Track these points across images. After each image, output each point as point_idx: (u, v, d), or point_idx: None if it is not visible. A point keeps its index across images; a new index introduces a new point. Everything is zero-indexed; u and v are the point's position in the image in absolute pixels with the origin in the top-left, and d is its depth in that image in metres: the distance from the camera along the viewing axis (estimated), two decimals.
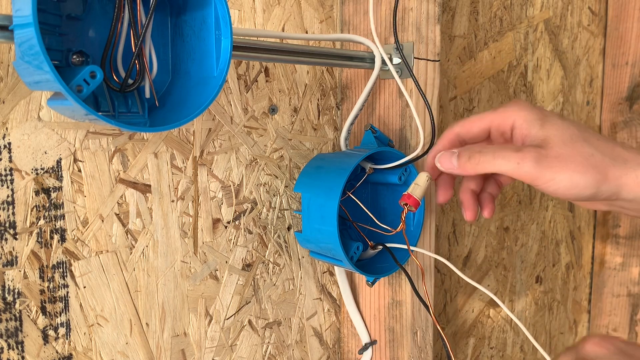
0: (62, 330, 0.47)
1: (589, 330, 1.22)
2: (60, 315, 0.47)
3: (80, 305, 0.48)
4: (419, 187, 0.48)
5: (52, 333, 0.47)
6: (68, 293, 0.48)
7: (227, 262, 0.58)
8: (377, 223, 0.56)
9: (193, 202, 0.55)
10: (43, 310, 0.46)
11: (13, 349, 0.45)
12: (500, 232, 0.92)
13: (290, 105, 0.62)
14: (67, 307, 0.48)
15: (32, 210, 0.45)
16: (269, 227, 0.61)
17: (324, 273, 0.67)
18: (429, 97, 0.60)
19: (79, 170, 0.48)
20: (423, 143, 0.56)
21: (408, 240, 0.51)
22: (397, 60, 0.59)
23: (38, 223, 0.46)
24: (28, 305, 0.45)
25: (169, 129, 0.42)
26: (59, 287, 0.47)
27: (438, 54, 0.60)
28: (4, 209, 0.44)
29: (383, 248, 0.57)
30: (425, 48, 0.59)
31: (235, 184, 0.58)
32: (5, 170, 0.44)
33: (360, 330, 0.66)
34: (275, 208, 0.62)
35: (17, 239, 0.44)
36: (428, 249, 0.63)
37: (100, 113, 0.38)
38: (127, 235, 0.51)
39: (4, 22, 0.35)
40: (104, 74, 0.37)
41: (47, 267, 0.46)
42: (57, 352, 0.47)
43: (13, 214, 0.44)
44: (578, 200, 0.46)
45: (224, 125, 0.56)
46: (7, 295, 0.44)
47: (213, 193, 0.56)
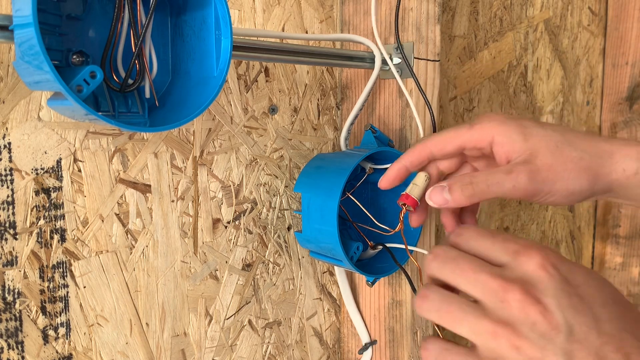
0: (62, 330, 0.47)
1: None
2: (60, 315, 0.47)
3: (80, 305, 0.48)
4: (417, 187, 0.48)
5: (52, 333, 0.47)
6: (68, 293, 0.48)
7: (227, 262, 0.58)
8: (376, 223, 0.56)
9: (193, 202, 0.55)
10: (43, 310, 0.46)
11: (13, 349, 0.45)
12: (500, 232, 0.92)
13: (290, 105, 0.62)
14: (67, 307, 0.48)
15: (32, 210, 0.45)
16: (269, 227, 0.61)
17: (324, 273, 0.67)
18: (429, 97, 0.60)
19: (79, 170, 0.48)
20: None
21: (406, 241, 0.51)
22: (397, 60, 0.59)
23: (38, 223, 0.46)
24: (28, 305, 0.45)
25: (169, 129, 0.42)
26: (59, 287, 0.47)
27: (438, 54, 0.60)
28: (4, 209, 0.44)
29: (383, 248, 0.57)
30: (425, 48, 0.59)
31: (235, 184, 0.58)
32: (5, 170, 0.44)
33: (360, 330, 0.66)
34: (275, 208, 0.62)
35: (17, 239, 0.44)
36: (428, 249, 0.63)
37: (100, 113, 0.38)
38: (127, 235, 0.51)
39: (4, 22, 0.35)
40: (104, 74, 0.37)
41: (47, 267, 0.46)
42: (57, 352, 0.47)
43: (13, 214, 0.44)
44: (575, 203, 0.45)
45: (224, 125, 0.56)
46: (7, 295, 0.44)
47: (213, 193, 0.56)
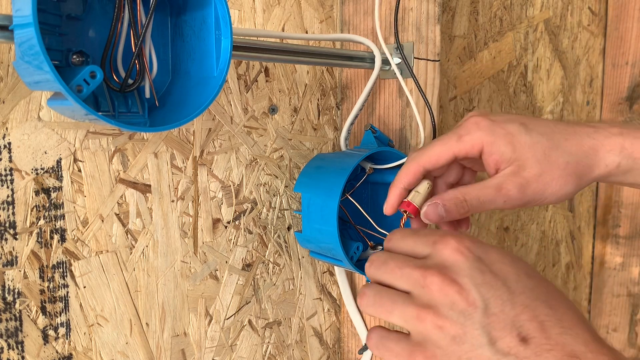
0: (62, 330, 0.47)
1: None
2: (60, 315, 0.47)
3: (80, 305, 0.48)
4: (419, 194, 0.47)
5: (52, 333, 0.47)
6: (68, 293, 0.48)
7: (227, 262, 0.58)
8: (376, 227, 0.56)
9: (193, 202, 0.55)
10: (43, 310, 0.46)
11: (13, 349, 0.45)
12: (500, 232, 0.92)
13: (290, 105, 0.62)
14: (67, 307, 0.48)
15: (32, 210, 0.45)
16: (269, 227, 0.61)
17: (324, 273, 0.67)
18: (429, 97, 0.60)
19: (79, 170, 0.48)
20: (423, 143, 0.56)
21: None
22: (397, 60, 0.59)
23: (38, 223, 0.46)
24: (28, 305, 0.45)
25: (169, 129, 0.42)
26: (59, 287, 0.47)
27: (438, 54, 0.60)
28: (4, 209, 0.44)
29: (383, 248, 0.57)
30: (425, 48, 0.59)
31: (235, 184, 0.58)
32: (5, 170, 0.44)
33: (360, 330, 0.66)
34: (275, 208, 0.62)
35: (17, 239, 0.44)
36: None
37: (100, 113, 0.38)
38: (127, 235, 0.51)
39: (4, 22, 0.35)
40: (104, 74, 0.37)
41: (47, 267, 0.46)
42: (57, 352, 0.47)
43: (13, 214, 0.44)
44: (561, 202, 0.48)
45: (224, 125, 0.56)
46: (7, 295, 0.44)
47: (213, 193, 0.56)
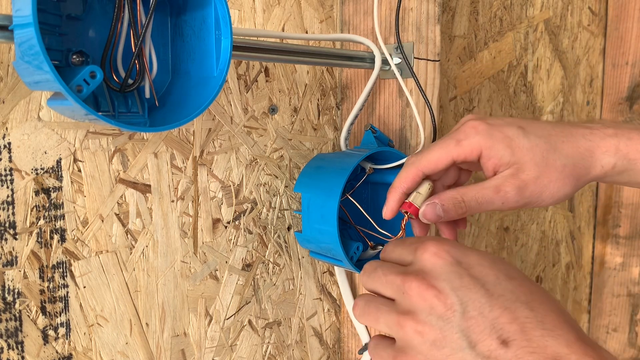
0: (62, 330, 0.47)
1: (589, 331, 1.22)
2: (60, 315, 0.47)
3: (80, 305, 0.48)
4: (421, 195, 0.47)
5: (52, 333, 0.47)
6: (68, 293, 0.48)
7: (227, 262, 0.58)
8: (377, 228, 0.56)
9: (193, 202, 0.55)
10: (43, 310, 0.46)
11: (13, 349, 0.45)
12: (500, 232, 0.92)
13: (290, 105, 0.62)
14: (67, 307, 0.48)
15: (32, 210, 0.45)
16: (269, 227, 0.61)
17: (324, 273, 0.67)
18: (429, 97, 0.60)
19: (79, 170, 0.48)
20: (423, 143, 0.56)
21: None
22: (397, 60, 0.59)
23: (38, 223, 0.46)
24: (28, 305, 0.45)
25: (169, 129, 0.42)
26: (59, 287, 0.47)
27: (438, 54, 0.60)
28: (4, 209, 0.44)
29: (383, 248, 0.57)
30: (425, 48, 0.59)
31: (235, 184, 0.58)
32: (5, 170, 0.44)
33: (360, 330, 0.66)
34: (275, 208, 0.62)
35: (17, 239, 0.44)
36: None
37: (100, 113, 0.38)
38: (127, 235, 0.51)
39: (4, 22, 0.35)
40: (104, 74, 0.37)
41: (47, 267, 0.46)
42: (57, 352, 0.47)
43: (13, 214, 0.44)
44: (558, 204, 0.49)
45: (224, 125, 0.56)
46: (7, 295, 0.44)
47: (213, 193, 0.56)
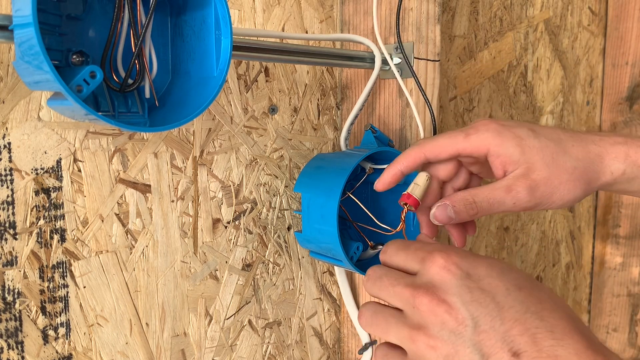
0: (62, 330, 0.47)
1: None
2: (60, 315, 0.47)
3: (80, 305, 0.48)
4: (419, 186, 0.48)
5: (52, 333, 0.47)
6: (68, 293, 0.48)
7: (227, 262, 0.58)
8: (377, 223, 0.56)
9: (193, 202, 0.55)
10: (43, 310, 0.46)
11: (13, 349, 0.45)
12: (500, 232, 0.92)
13: (290, 105, 0.62)
14: (67, 307, 0.48)
15: (32, 210, 0.45)
16: (269, 227, 0.61)
17: (324, 273, 0.67)
18: (429, 97, 0.60)
19: (79, 170, 0.48)
20: None
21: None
22: (397, 60, 0.59)
23: (38, 223, 0.46)
24: (28, 305, 0.45)
25: (169, 129, 0.42)
26: (59, 287, 0.47)
27: (438, 54, 0.60)
28: (4, 209, 0.44)
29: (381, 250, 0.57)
30: (425, 48, 0.59)
31: (235, 184, 0.58)
32: (5, 170, 0.44)
33: (360, 331, 0.66)
34: (275, 208, 0.62)
35: (17, 239, 0.44)
36: None
37: (100, 113, 0.38)
38: (127, 235, 0.51)
39: (4, 22, 0.35)
40: (104, 74, 0.37)
41: (47, 267, 0.46)
42: (57, 352, 0.47)
43: (13, 214, 0.44)
44: (569, 206, 0.48)
45: (224, 125, 0.56)
46: (7, 295, 0.44)
47: (213, 193, 0.56)
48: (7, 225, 0.44)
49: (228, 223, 0.58)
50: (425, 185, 0.48)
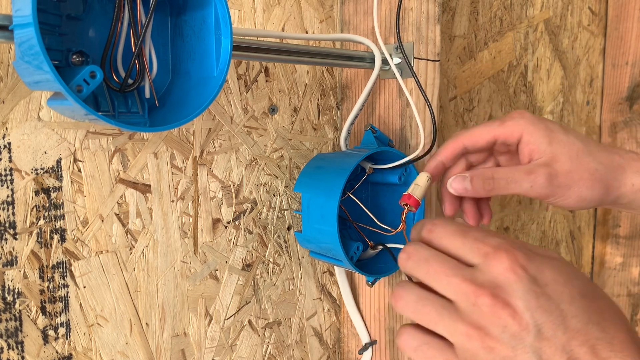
0: (62, 330, 0.47)
1: None
2: (60, 315, 0.47)
3: (80, 305, 0.48)
4: (419, 187, 0.48)
5: (52, 333, 0.47)
6: (68, 293, 0.48)
7: (227, 262, 0.58)
8: (377, 223, 0.56)
9: (193, 202, 0.55)
10: (43, 310, 0.46)
11: (13, 349, 0.45)
12: (500, 232, 0.92)
13: (290, 105, 0.62)
14: (67, 307, 0.48)
15: (32, 210, 0.45)
16: (269, 227, 0.61)
17: (324, 273, 0.67)
18: (429, 97, 0.60)
19: (79, 170, 0.48)
20: (423, 143, 0.56)
21: (408, 241, 0.51)
22: (397, 60, 0.59)
23: (38, 223, 0.46)
24: (28, 305, 0.45)
25: (169, 129, 0.42)
26: (59, 287, 0.47)
27: (438, 54, 0.60)
28: (4, 209, 0.44)
29: (383, 248, 0.57)
30: (425, 48, 0.59)
31: (235, 184, 0.58)
32: (5, 170, 0.44)
33: (360, 330, 0.66)
34: (275, 208, 0.62)
35: (17, 239, 0.44)
36: None
37: (100, 113, 0.38)
38: (127, 235, 0.51)
39: (4, 22, 0.35)
40: (104, 74, 0.37)
41: (47, 267, 0.46)
42: (57, 352, 0.47)
43: (13, 214, 0.44)
44: (583, 209, 0.49)
45: (224, 125, 0.56)
46: (7, 295, 0.44)
47: (213, 193, 0.56)
48: (7, 225, 0.44)
49: (228, 223, 0.58)
50: (426, 186, 0.48)
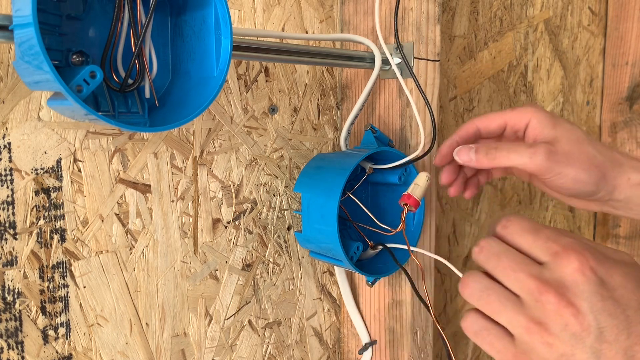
0: (62, 330, 0.47)
1: None
2: (60, 315, 0.47)
3: (80, 305, 0.48)
4: (419, 187, 0.48)
5: (52, 333, 0.47)
6: (68, 293, 0.48)
7: (227, 262, 0.58)
8: (377, 223, 0.56)
9: (193, 202, 0.55)
10: (43, 310, 0.46)
11: (13, 349, 0.45)
12: None
13: (290, 105, 0.62)
14: (67, 307, 0.48)
15: (32, 210, 0.45)
16: (269, 227, 0.61)
17: (324, 273, 0.67)
18: (429, 97, 0.60)
19: (79, 170, 0.48)
20: (423, 143, 0.56)
21: (408, 241, 0.51)
22: (397, 60, 0.59)
23: (38, 223, 0.46)
24: (28, 305, 0.45)
25: (169, 129, 0.42)
26: (59, 287, 0.47)
27: (438, 54, 0.60)
28: (4, 209, 0.44)
29: (383, 248, 0.57)
30: (425, 48, 0.59)
31: (235, 184, 0.58)
32: (5, 170, 0.44)
33: (360, 330, 0.66)
34: (275, 208, 0.62)
35: (17, 239, 0.44)
36: (428, 249, 0.63)
37: (100, 113, 0.38)
38: (127, 235, 0.51)
39: (4, 22, 0.35)
40: (104, 74, 0.37)
41: (47, 267, 0.46)
42: (57, 352, 0.47)
43: (13, 214, 0.44)
44: (578, 196, 0.50)
45: (224, 125, 0.56)
46: (7, 295, 0.44)
47: (213, 193, 0.56)
48: (7, 225, 0.44)
49: (228, 223, 0.58)
50: (426, 186, 0.48)
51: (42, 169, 0.45)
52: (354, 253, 0.55)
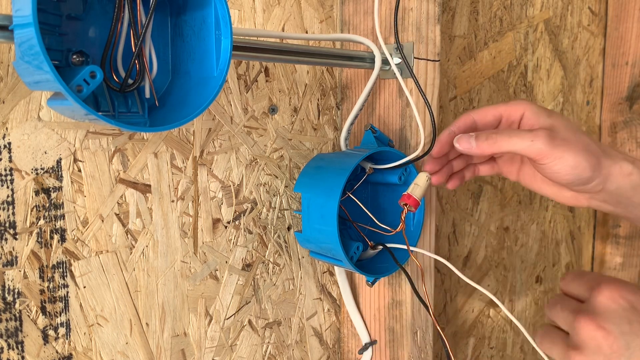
0: (62, 330, 0.47)
1: None
2: (60, 315, 0.47)
3: (80, 305, 0.48)
4: (419, 187, 0.48)
5: (52, 333, 0.47)
6: (68, 293, 0.48)
7: (227, 262, 0.58)
8: (377, 223, 0.56)
9: (193, 202, 0.55)
10: (43, 310, 0.46)
11: (13, 349, 0.45)
12: (500, 232, 0.92)
13: (290, 105, 0.62)
14: (67, 307, 0.48)
15: (32, 210, 0.45)
16: (269, 227, 0.61)
17: (324, 273, 0.67)
18: (429, 97, 0.60)
19: (79, 170, 0.48)
20: (423, 143, 0.56)
21: (408, 241, 0.51)
22: (397, 60, 0.59)
23: (38, 223, 0.46)
24: (28, 305, 0.45)
25: (169, 129, 0.42)
26: (59, 287, 0.47)
27: (438, 54, 0.60)
28: (4, 209, 0.44)
29: (383, 248, 0.57)
30: (425, 48, 0.59)
31: (235, 184, 0.58)
32: (5, 170, 0.44)
33: (360, 330, 0.66)
34: (275, 208, 0.62)
35: (17, 239, 0.44)
36: (428, 249, 0.63)
37: (100, 113, 0.38)
38: (127, 235, 0.51)
39: (4, 22, 0.35)
40: (104, 74, 0.37)
41: (47, 267, 0.46)
42: (57, 352, 0.47)
43: (13, 214, 0.44)
44: (572, 185, 0.50)
45: (224, 125, 0.56)
46: (7, 295, 0.44)
47: (213, 193, 0.56)
48: (7, 225, 0.44)
49: (228, 223, 0.58)
50: (425, 186, 0.48)
51: (42, 169, 0.45)
52: (354, 253, 0.55)
